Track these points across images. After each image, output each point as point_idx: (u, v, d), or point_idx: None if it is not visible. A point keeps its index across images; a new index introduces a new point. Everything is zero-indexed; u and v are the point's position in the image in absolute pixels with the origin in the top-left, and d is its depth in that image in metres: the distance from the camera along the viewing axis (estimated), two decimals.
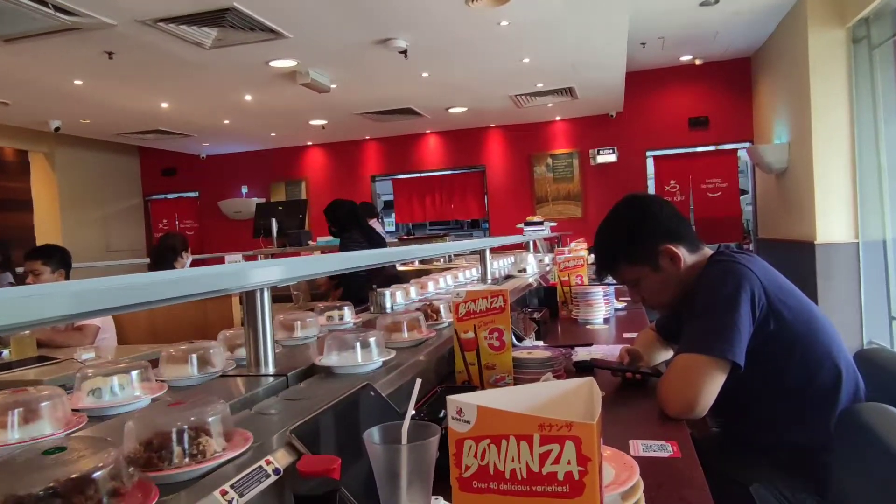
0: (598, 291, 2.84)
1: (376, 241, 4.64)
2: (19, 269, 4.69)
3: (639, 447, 1.21)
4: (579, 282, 3.15)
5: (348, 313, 2.07)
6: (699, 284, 1.55)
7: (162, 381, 1.27)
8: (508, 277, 3.58)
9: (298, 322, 1.79)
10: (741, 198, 8.75)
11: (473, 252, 5.07)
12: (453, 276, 3.30)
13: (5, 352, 2.95)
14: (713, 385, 1.39)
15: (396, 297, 2.41)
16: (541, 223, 6.41)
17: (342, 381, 1.31)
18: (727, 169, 8.60)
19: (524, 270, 3.69)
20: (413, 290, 2.62)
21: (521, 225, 6.64)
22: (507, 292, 1.56)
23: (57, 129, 7.93)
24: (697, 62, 8.12)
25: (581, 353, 2.05)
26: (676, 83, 8.64)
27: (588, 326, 2.73)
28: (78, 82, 6.15)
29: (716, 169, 8.60)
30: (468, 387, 1.55)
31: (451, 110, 8.38)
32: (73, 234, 9.03)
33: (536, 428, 0.59)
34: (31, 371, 2.67)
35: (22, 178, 9.07)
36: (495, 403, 0.61)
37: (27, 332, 2.98)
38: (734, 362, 1.39)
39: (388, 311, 2.30)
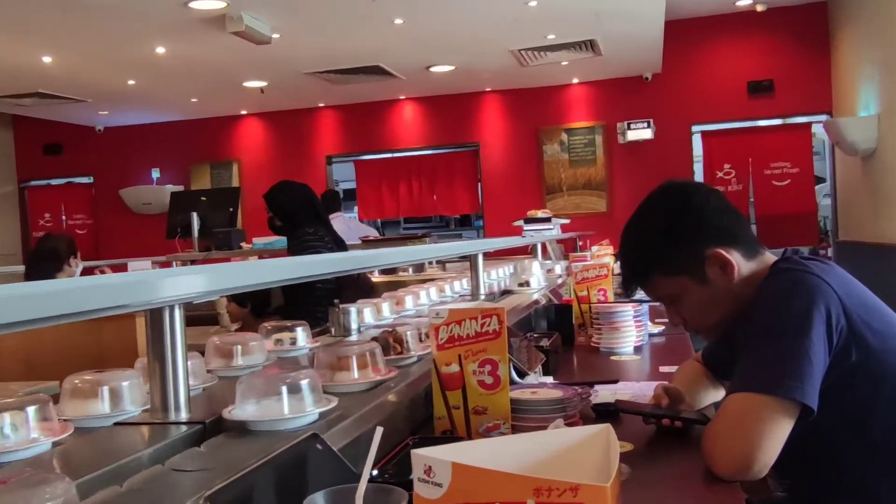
0: (628, 311, 2.85)
1: (340, 244, 4.53)
2: None
3: None
4: (602, 298, 3.16)
5: (302, 336, 2.10)
6: (758, 301, 1.55)
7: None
8: (507, 293, 3.59)
9: (239, 346, 1.80)
10: (816, 188, 8.83)
11: (462, 258, 5.08)
12: (438, 290, 3.32)
13: None
14: (777, 435, 1.39)
15: (365, 316, 2.43)
16: (547, 219, 6.39)
17: (268, 437, 1.28)
18: (798, 150, 8.69)
19: (527, 284, 3.65)
20: (386, 307, 2.64)
21: (521, 222, 6.61)
22: (505, 311, 1.56)
23: None
24: (759, 8, 8.20)
25: (603, 394, 2.04)
26: (732, 36, 8.73)
27: (613, 357, 2.73)
28: None
29: (783, 149, 8.69)
30: (450, 438, 1.54)
31: (433, 69, 8.39)
32: None
33: (531, 493, 0.58)
34: None
35: None
36: (478, 459, 0.60)
37: None
38: (804, 404, 1.39)
39: (355, 333, 2.34)
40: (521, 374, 2.04)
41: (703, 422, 1.65)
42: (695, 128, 9.09)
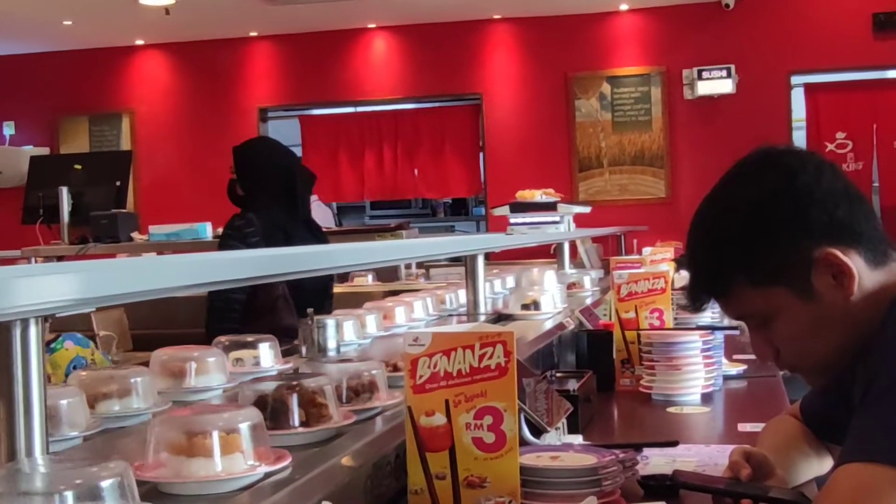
0: (694, 342, 2.85)
1: (318, 236, 4.65)
2: None
3: None
4: (657, 322, 3.15)
5: (269, 355, 2.30)
6: (885, 332, 1.55)
7: None
8: (508, 318, 3.58)
9: (192, 364, 1.97)
10: None
11: (455, 260, 5.05)
12: (438, 300, 3.42)
13: None
14: None
15: (345, 333, 2.61)
16: (551, 206, 5.76)
17: None
18: None
19: (534, 305, 3.45)
20: (372, 320, 2.81)
21: (505, 210, 6.18)
22: (514, 338, 1.55)
23: None
24: None
25: (656, 461, 2.04)
26: None
27: (672, 409, 2.73)
28: None
29: None
30: None
31: None
32: None
33: None
34: None
35: None
36: None
37: None
38: None
39: (332, 352, 2.52)
40: (538, 432, 2.03)
41: (803, 503, 1.64)
42: (795, 79, 9.11)
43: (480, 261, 3.36)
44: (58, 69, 10.50)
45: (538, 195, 5.69)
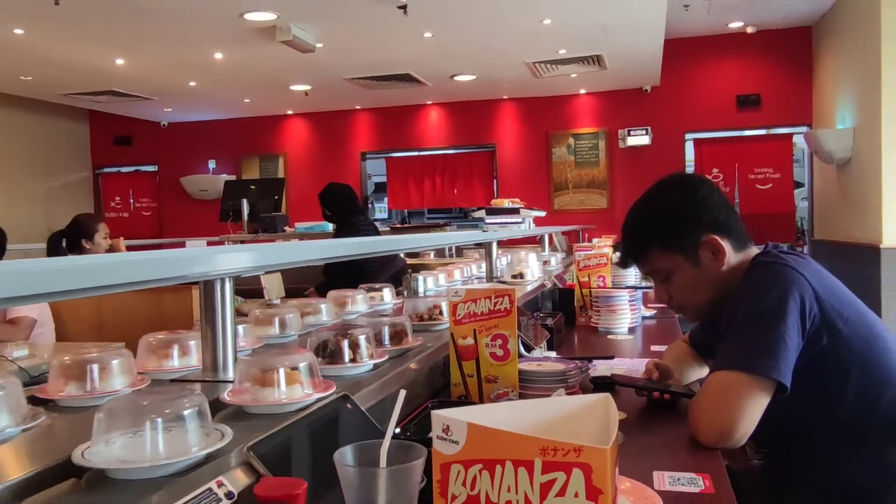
0: (623, 295, 2.83)
1: (376, 231, 4.86)
2: None
3: (664, 480, 1.20)
4: (601, 284, 3.14)
5: (388, 294, 2.50)
6: (741, 289, 1.53)
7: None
8: (520, 276, 3.57)
9: (349, 298, 2.13)
10: (795, 192, 8.74)
11: (478, 245, 5.07)
12: (477, 267, 3.45)
13: None
14: (754, 408, 1.38)
15: (428, 283, 2.81)
16: (515, 211, 4.81)
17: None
18: (780, 157, 8.58)
19: (520, 276, 3.33)
20: (442, 277, 2.99)
21: (481, 212, 5.02)
22: (515, 292, 1.55)
23: None
24: (749, 30, 8.08)
25: (601, 368, 2.04)
26: (724, 54, 8.61)
27: (610, 336, 2.72)
28: (18, 31, 6.12)
29: (767, 157, 8.59)
30: (465, 402, 1.54)
31: (457, 78, 8.35)
32: (8, 211, 9.02)
33: (538, 452, 0.57)
34: None
35: None
36: (491, 421, 0.59)
37: None
38: (780, 382, 1.38)
39: (421, 295, 2.72)
40: (528, 349, 2.03)
41: (690, 395, 1.63)
42: (688, 135, 8.99)
43: (494, 245, 3.35)
44: (241, 127, 10.56)
45: (506, 202, 5.01)
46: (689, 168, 8.90)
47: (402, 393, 0.89)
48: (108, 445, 0.91)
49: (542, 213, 5.66)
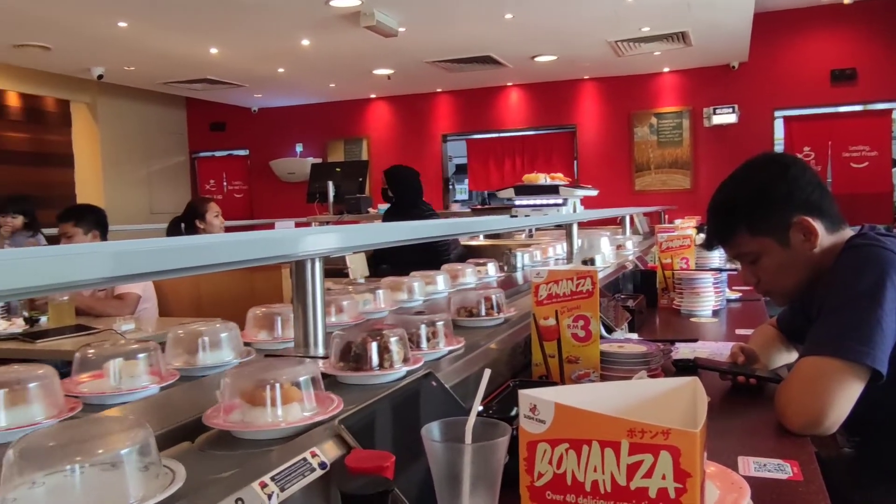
0: (707, 278, 2.75)
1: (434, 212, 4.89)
2: (49, 231, 4.98)
3: (750, 465, 1.17)
4: (684, 266, 3.06)
5: (492, 269, 2.65)
6: (834, 272, 1.46)
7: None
8: (591, 262, 3.52)
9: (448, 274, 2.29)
10: (893, 170, 8.25)
11: (558, 226, 5.01)
12: (564, 247, 3.44)
13: (43, 318, 3.16)
14: (847, 396, 1.32)
15: (525, 259, 2.92)
16: (551, 190, 3.48)
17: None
18: (878, 134, 8.10)
19: (591, 262, 3.15)
20: (538, 254, 3.05)
21: (509, 193, 3.80)
22: (596, 274, 1.53)
23: (100, 76, 8.34)
24: (846, 1, 7.63)
25: (683, 350, 1.99)
26: (817, 27, 8.17)
27: (693, 319, 2.65)
28: (122, 24, 6.42)
29: (863, 134, 8.13)
30: (545, 382, 1.54)
31: (538, 59, 8.24)
32: (115, 194, 9.54)
33: (625, 433, 0.57)
34: (67, 341, 2.86)
35: (63, 131, 9.63)
36: (577, 401, 0.60)
37: (65, 298, 3.18)
38: (874, 369, 1.32)
39: (519, 269, 2.82)
40: (609, 330, 2.01)
41: (777, 380, 1.58)
42: (777, 113, 8.59)
43: (575, 227, 3.31)
44: (326, 112, 10.76)
45: (542, 178, 3.64)
46: (779, 147, 8.52)
47: (487, 372, 0.90)
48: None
49: (593, 192, 4.27)
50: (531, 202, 2.97)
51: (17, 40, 6.91)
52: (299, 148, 10.96)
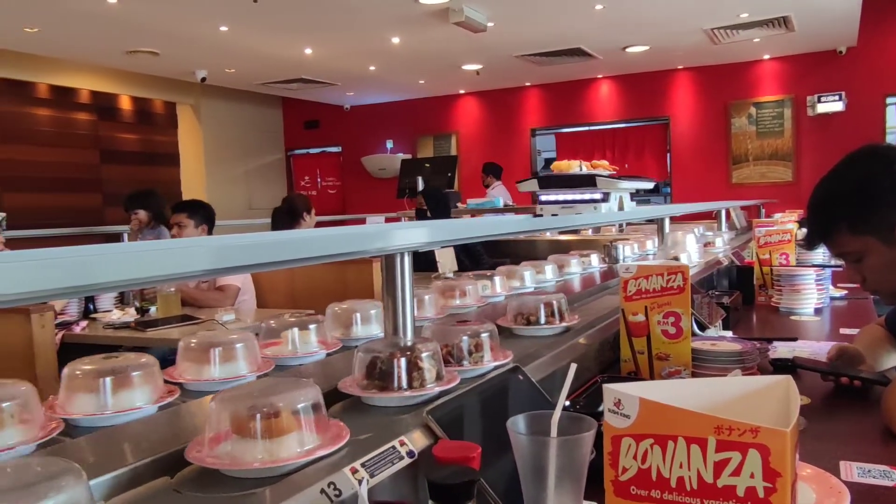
0: (809, 274, 2.63)
1: None
2: None
3: (852, 470, 1.11)
4: (784, 261, 2.94)
5: (595, 259, 2.79)
6: None
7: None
8: (706, 246, 3.43)
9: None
10: None
11: (650, 221, 4.90)
12: (659, 242, 3.40)
13: (152, 309, 3.36)
14: None
15: (626, 251, 2.96)
16: (586, 181, 2.37)
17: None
18: None
19: (674, 260, 3.07)
20: (636, 246, 3.10)
21: (531, 184, 2.59)
22: (688, 269, 1.50)
23: (203, 79, 8.76)
24: None
25: (782, 350, 1.92)
26: None
27: (793, 317, 2.54)
28: (223, 28, 6.71)
29: None
30: (634, 378, 1.52)
31: (630, 50, 8.06)
32: (217, 190, 9.98)
33: (712, 430, 0.56)
34: (175, 330, 3.03)
35: (170, 132, 10.18)
36: (663, 397, 0.59)
37: (172, 289, 3.37)
38: None
39: (620, 261, 2.86)
40: (702, 327, 1.95)
41: (884, 383, 1.50)
42: (889, 100, 8.06)
43: (667, 221, 3.23)
44: (416, 108, 10.89)
45: (577, 166, 2.54)
46: (891, 136, 8.00)
47: (573, 367, 0.90)
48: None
49: (647, 184, 3.15)
50: (560, 197, 2.37)
51: (129, 47, 7.35)
52: (390, 144, 11.14)
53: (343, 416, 1.01)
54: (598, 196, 2.24)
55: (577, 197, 2.23)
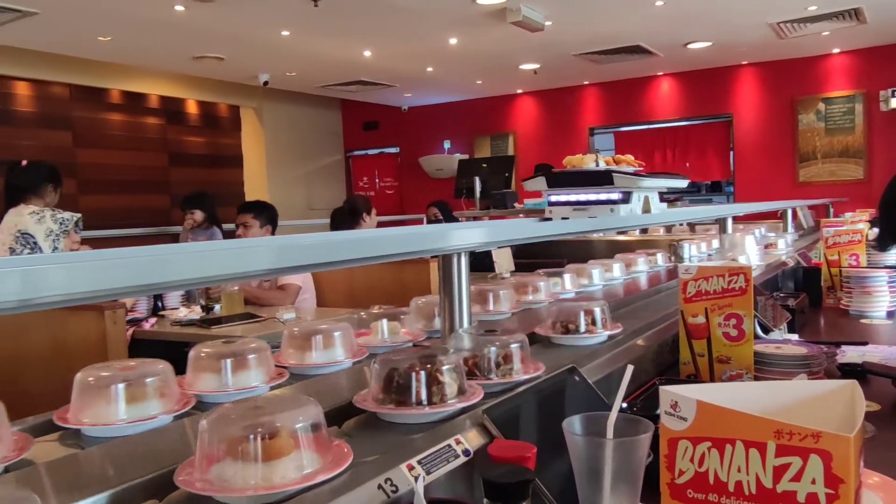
0: (881, 276, 2.53)
1: None
2: (226, 226, 5.45)
3: None
4: (854, 263, 2.83)
5: (661, 258, 2.81)
6: None
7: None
8: (767, 248, 3.34)
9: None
10: None
11: (716, 221, 4.78)
12: (706, 245, 3.40)
13: (217, 307, 3.47)
14: None
15: (692, 251, 2.96)
16: (605, 176, 1.97)
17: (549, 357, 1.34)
18: None
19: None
20: (703, 245, 3.08)
21: (533, 185, 2.25)
22: (750, 270, 1.46)
23: (265, 83, 8.97)
24: None
25: (851, 354, 1.85)
26: None
27: (863, 321, 2.45)
28: (285, 33, 6.86)
29: None
30: (693, 381, 1.49)
31: (691, 46, 7.88)
32: (278, 191, 10.19)
33: (772, 434, 0.55)
34: (238, 327, 3.12)
35: (234, 135, 10.46)
36: (720, 399, 0.58)
37: (236, 288, 3.46)
38: None
39: (686, 260, 2.85)
40: (766, 330, 1.90)
41: None
42: None
43: (730, 221, 3.15)
44: (473, 109, 10.89)
45: (593, 162, 2.07)
46: None
47: (630, 368, 0.89)
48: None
49: (679, 182, 2.74)
50: (572, 198, 2.01)
51: (195, 53, 7.58)
52: (447, 144, 11.18)
53: (356, 431, 1.00)
54: (615, 196, 1.93)
55: (592, 197, 1.93)
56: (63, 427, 1.00)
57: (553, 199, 2.01)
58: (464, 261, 1.40)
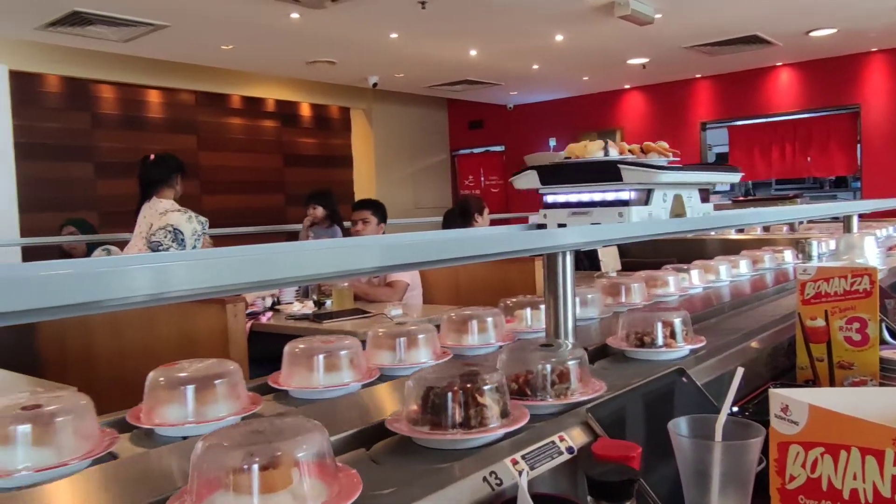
0: None
1: None
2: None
3: None
4: None
5: (790, 255, 2.75)
6: None
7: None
8: (891, 250, 3.10)
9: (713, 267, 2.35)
10: None
11: (834, 219, 4.50)
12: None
13: (328, 302, 3.60)
14: None
15: (822, 247, 2.87)
16: (609, 174, 1.60)
17: (647, 365, 1.32)
18: None
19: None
20: (832, 244, 2.97)
21: (523, 183, 2.01)
22: (876, 272, 1.38)
23: (374, 84, 9.22)
24: None
25: None
26: None
27: None
28: (393, 35, 7.02)
29: None
30: (811, 387, 1.42)
31: (814, 34, 7.44)
32: (385, 190, 10.45)
33: (890, 442, 0.52)
34: (347, 322, 3.23)
35: (344, 136, 10.81)
36: (835, 404, 0.56)
37: (346, 284, 3.59)
38: None
39: (816, 257, 2.79)
40: (894, 336, 1.78)
41: None
42: None
43: (855, 219, 2.96)
44: (579, 105, 10.75)
45: (596, 150, 1.73)
46: None
47: (740, 371, 0.87)
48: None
49: (729, 176, 2.19)
50: (569, 196, 1.63)
51: (309, 58, 7.90)
52: (552, 142, 11.08)
53: (386, 453, 0.94)
54: (625, 195, 1.54)
55: (597, 198, 1.53)
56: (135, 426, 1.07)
57: (550, 199, 1.65)
58: (569, 260, 1.39)
